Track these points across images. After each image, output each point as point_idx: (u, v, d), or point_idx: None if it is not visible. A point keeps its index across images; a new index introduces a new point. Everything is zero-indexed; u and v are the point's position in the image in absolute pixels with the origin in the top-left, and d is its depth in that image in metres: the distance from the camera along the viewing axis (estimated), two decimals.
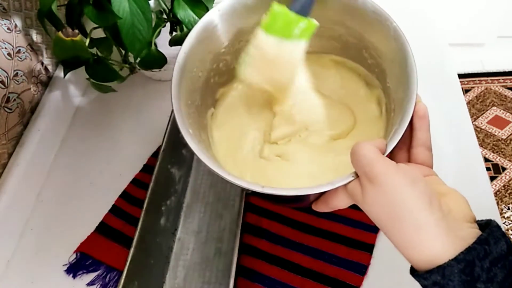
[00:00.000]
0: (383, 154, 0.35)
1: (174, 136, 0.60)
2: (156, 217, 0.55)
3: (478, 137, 1.55)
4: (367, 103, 0.51)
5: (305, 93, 0.51)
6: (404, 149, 0.39)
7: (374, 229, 0.54)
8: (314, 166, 0.48)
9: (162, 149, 0.57)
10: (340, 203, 0.37)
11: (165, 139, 0.58)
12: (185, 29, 0.59)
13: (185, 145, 0.63)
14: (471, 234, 0.30)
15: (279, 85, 0.48)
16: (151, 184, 0.54)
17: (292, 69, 0.47)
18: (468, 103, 1.67)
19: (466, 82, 1.73)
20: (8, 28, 0.62)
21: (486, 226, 0.30)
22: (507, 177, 1.47)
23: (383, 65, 0.47)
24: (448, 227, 0.30)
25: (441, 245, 0.29)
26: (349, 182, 0.35)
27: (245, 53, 0.46)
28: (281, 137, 0.50)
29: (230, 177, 0.37)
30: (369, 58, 0.49)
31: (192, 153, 0.65)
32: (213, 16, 0.47)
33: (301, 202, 0.45)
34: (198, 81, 0.49)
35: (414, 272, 0.31)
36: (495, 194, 1.44)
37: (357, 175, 0.35)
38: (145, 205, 0.53)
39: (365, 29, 0.47)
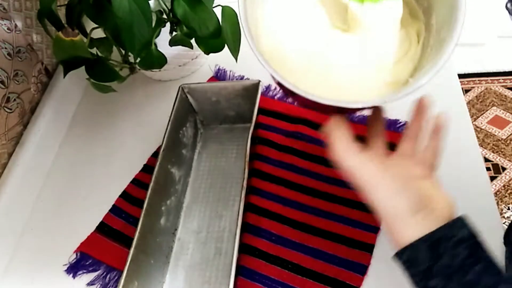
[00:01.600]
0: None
1: (174, 135, 0.60)
2: (156, 217, 0.55)
3: (478, 137, 1.55)
4: (408, 27, 0.51)
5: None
6: (411, 143, 0.41)
7: (374, 229, 0.54)
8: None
9: (162, 149, 0.57)
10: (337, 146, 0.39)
11: (165, 139, 0.58)
12: (184, 29, 0.59)
13: (185, 144, 0.63)
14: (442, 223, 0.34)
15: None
16: (151, 184, 0.54)
17: (391, 29, 0.49)
18: (468, 103, 1.67)
19: (466, 82, 1.73)
20: (8, 28, 0.62)
21: None
22: (507, 177, 1.47)
23: (432, 1, 0.47)
24: (419, 215, 0.35)
25: (412, 231, 0.34)
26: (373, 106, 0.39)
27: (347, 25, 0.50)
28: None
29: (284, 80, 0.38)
30: None
31: (192, 153, 0.65)
32: None
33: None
34: None
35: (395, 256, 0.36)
36: (495, 194, 1.44)
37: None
38: (145, 205, 0.53)
39: None
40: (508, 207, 1.40)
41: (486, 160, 1.51)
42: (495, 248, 0.52)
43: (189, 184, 0.63)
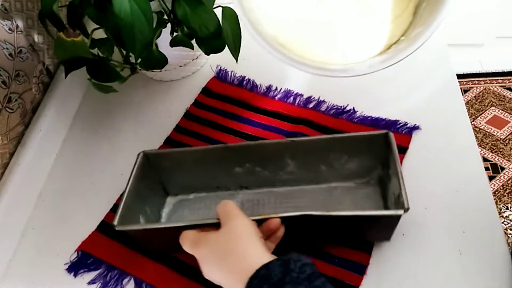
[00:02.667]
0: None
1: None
2: (236, 161, 0.56)
3: (476, 137, 1.55)
4: None
5: None
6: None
7: None
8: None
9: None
10: None
11: None
12: (185, 30, 0.59)
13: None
14: None
15: None
16: (252, 142, 0.56)
17: None
18: (467, 103, 1.68)
19: (465, 83, 1.74)
20: (10, 29, 0.62)
21: None
22: (506, 176, 1.48)
23: None
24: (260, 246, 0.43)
25: (260, 259, 0.41)
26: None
27: None
28: None
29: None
30: None
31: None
32: None
33: None
34: None
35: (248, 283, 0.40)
36: (494, 193, 1.44)
37: None
38: (238, 144, 0.54)
39: None
40: (507, 207, 1.41)
41: (485, 160, 1.52)
42: (493, 247, 0.52)
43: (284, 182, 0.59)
